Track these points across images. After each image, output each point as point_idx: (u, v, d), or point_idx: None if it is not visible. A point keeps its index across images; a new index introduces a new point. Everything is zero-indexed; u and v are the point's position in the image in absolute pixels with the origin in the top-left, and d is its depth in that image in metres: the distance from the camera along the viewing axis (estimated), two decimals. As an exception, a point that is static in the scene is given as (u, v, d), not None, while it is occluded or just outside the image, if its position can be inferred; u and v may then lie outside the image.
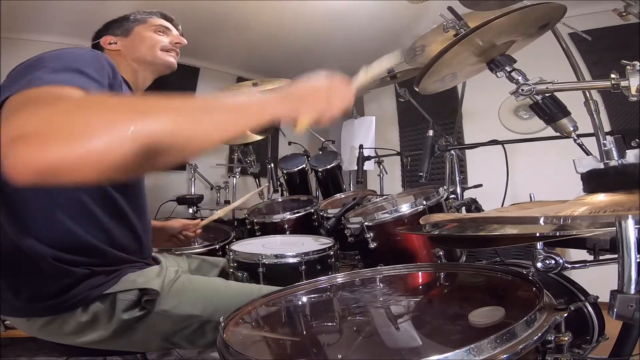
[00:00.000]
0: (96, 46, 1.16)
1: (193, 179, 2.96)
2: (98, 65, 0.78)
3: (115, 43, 1.15)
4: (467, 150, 3.02)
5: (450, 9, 1.25)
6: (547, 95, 0.92)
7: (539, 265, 0.72)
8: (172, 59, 1.18)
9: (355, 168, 2.24)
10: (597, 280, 0.95)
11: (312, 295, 0.92)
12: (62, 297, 0.88)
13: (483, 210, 1.52)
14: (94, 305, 0.91)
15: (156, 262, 1.09)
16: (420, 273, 1.00)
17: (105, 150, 0.45)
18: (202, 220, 1.44)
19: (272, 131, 3.01)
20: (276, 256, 1.29)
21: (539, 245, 0.72)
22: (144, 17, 1.19)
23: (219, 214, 1.52)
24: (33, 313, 0.90)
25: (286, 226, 1.95)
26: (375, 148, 2.58)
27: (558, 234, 0.68)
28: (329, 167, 2.52)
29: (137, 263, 1.02)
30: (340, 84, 0.77)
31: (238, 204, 1.71)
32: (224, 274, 1.35)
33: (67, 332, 0.90)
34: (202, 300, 0.97)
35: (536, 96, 0.92)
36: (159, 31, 1.19)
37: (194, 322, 0.94)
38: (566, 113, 0.93)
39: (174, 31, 1.22)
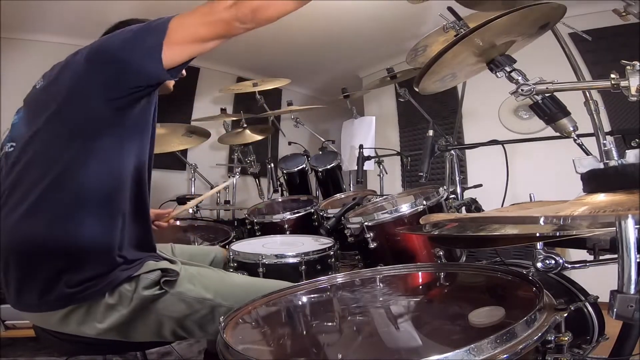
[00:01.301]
0: None
1: (193, 179, 2.96)
2: None
3: None
4: (467, 150, 3.01)
5: (450, 9, 1.25)
6: (547, 95, 0.92)
7: (539, 265, 0.72)
8: (171, 87, 1.23)
9: (355, 168, 2.24)
10: (597, 280, 0.95)
11: (312, 295, 0.92)
12: (93, 282, 0.90)
13: (483, 210, 1.52)
14: (121, 287, 0.93)
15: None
16: (420, 273, 1.00)
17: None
18: (174, 210, 1.46)
19: (272, 131, 3.02)
20: (276, 256, 1.30)
21: (539, 245, 0.72)
22: None
23: (189, 205, 1.58)
24: (69, 301, 0.90)
25: (286, 226, 1.95)
26: (375, 148, 2.58)
27: (558, 234, 0.68)
28: (329, 167, 2.52)
29: (154, 255, 1.05)
30: None
31: (206, 196, 1.76)
32: (215, 264, 1.37)
33: (94, 317, 0.92)
34: (214, 285, 1.01)
35: (536, 96, 0.92)
36: None
37: (205, 306, 0.97)
38: (566, 113, 0.93)
39: None
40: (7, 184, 0.92)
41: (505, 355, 0.50)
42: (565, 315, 0.59)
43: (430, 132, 1.51)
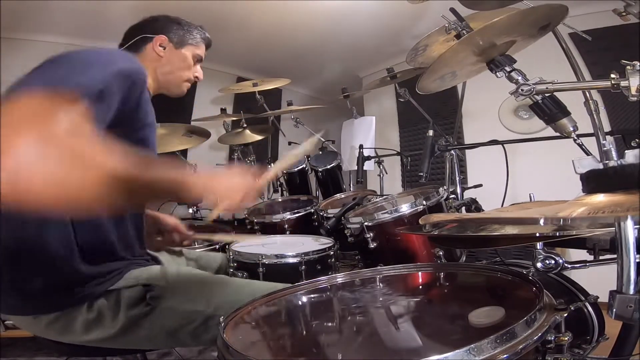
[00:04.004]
0: (143, 39, 1.16)
1: (193, 179, 2.96)
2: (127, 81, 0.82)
3: (164, 48, 1.16)
4: (467, 150, 3.01)
5: (452, 9, 1.25)
6: (547, 95, 0.92)
7: (539, 265, 0.72)
8: (184, 91, 1.23)
9: (355, 168, 2.24)
10: (597, 280, 0.95)
11: (312, 295, 0.92)
12: (67, 292, 0.89)
13: (483, 210, 1.52)
14: (99, 302, 0.92)
15: (156, 261, 1.09)
16: (420, 273, 1.00)
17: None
18: (196, 233, 1.40)
19: (272, 131, 3.01)
20: (276, 256, 1.29)
21: (539, 245, 0.72)
22: (199, 40, 1.23)
23: (216, 238, 1.49)
24: (39, 310, 0.90)
25: (286, 226, 1.95)
26: (375, 148, 2.58)
27: (558, 234, 0.68)
28: (329, 167, 2.52)
29: (138, 259, 1.03)
30: (253, 182, 0.87)
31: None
32: (221, 270, 1.36)
33: (74, 330, 0.91)
34: (206, 295, 0.98)
35: (536, 96, 0.92)
36: (196, 60, 1.23)
37: (198, 317, 0.95)
38: (566, 113, 0.93)
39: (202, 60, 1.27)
40: None
41: (505, 355, 0.50)
42: (565, 315, 0.59)
43: (430, 132, 1.51)
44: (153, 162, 0.70)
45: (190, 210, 2.76)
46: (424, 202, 1.33)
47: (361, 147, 2.23)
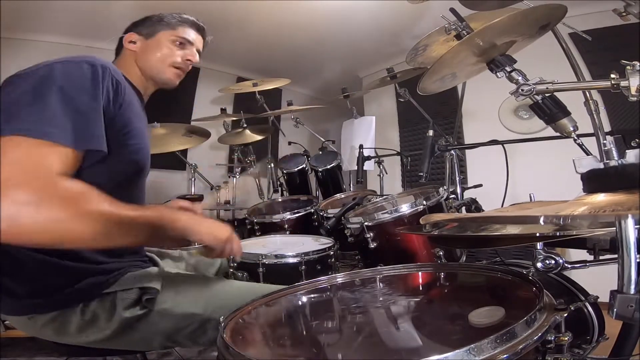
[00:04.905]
0: (119, 43, 1.16)
1: (193, 179, 2.96)
2: (93, 88, 0.82)
3: (135, 43, 1.14)
4: (467, 150, 3.02)
5: (452, 10, 1.25)
6: (547, 95, 0.92)
7: (539, 265, 0.72)
8: (174, 78, 1.16)
9: (355, 168, 2.24)
10: (597, 280, 0.95)
11: (312, 295, 0.92)
12: (62, 293, 0.88)
13: (483, 210, 1.52)
14: (94, 304, 0.91)
15: (154, 263, 1.09)
16: (420, 273, 1.00)
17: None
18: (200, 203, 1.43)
19: (272, 131, 3.01)
20: (276, 256, 1.29)
21: (539, 245, 0.72)
22: (175, 23, 1.16)
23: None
24: (34, 310, 0.90)
25: (286, 226, 1.95)
26: (375, 148, 2.58)
27: (558, 234, 0.68)
28: (329, 167, 2.52)
29: (136, 261, 1.02)
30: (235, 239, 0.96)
31: None
32: (220, 273, 1.35)
33: (69, 331, 0.90)
34: (203, 298, 0.97)
35: (536, 96, 0.92)
36: (179, 43, 1.16)
37: (195, 320, 0.94)
38: (566, 113, 0.93)
39: (196, 44, 1.20)
40: None
41: (505, 355, 0.50)
42: (565, 315, 0.59)
43: (430, 132, 1.51)
44: (137, 206, 0.77)
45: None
46: (424, 202, 1.33)
47: (361, 147, 2.23)
